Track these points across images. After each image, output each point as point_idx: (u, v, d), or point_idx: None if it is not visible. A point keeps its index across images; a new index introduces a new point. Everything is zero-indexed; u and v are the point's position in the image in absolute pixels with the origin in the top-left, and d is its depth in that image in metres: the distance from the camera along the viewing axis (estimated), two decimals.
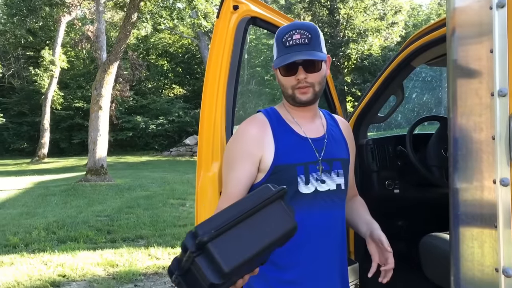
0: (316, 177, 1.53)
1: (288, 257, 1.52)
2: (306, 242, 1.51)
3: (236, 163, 1.54)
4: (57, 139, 25.48)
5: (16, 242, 6.07)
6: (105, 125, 12.94)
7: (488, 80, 1.21)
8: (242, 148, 1.55)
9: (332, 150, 1.59)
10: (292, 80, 1.53)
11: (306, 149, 1.55)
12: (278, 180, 1.48)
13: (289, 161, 1.52)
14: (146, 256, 5.42)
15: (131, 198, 9.97)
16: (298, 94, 1.53)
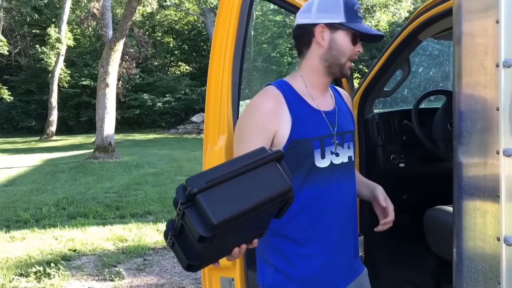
0: (331, 151, 1.52)
1: (306, 231, 1.52)
2: (324, 215, 1.52)
3: (249, 138, 1.48)
4: (65, 117, 25.60)
5: (27, 218, 6.18)
6: (112, 102, 12.98)
7: (493, 51, 1.21)
8: (256, 123, 1.49)
9: (343, 122, 1.58)
10: (352, 50, 1.51)
11: (321, 123, 1.52)
12: (295, 154, 1.47)
13: (305, 135, 1.48)
14: (154, 232, 5.51)
15: (139, 175, 10.07)
16: (348, 66, 1.54)
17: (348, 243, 1.60)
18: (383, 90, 2.58)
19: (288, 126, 1.47)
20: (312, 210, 1.52)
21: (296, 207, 1.44)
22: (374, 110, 2.69)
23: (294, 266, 1.52)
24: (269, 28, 26.27)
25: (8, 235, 5.40)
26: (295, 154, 1.47)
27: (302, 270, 1.52)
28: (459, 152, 1.33)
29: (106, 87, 12.81)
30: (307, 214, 1.52)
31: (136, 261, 4.52)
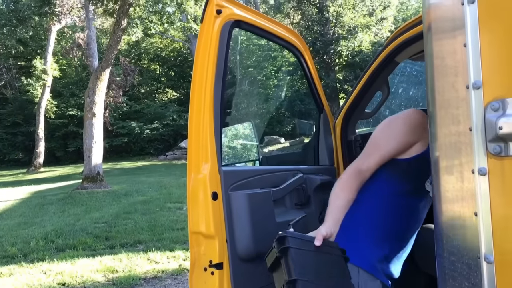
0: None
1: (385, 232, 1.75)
2: (409, 225, 1.83)
3: (395, 135, 1.73)
4: (53, 148, 25.43)
5: (15, 253, 6.08)
6: (99, 132, 12.95)
7: (463, 73, 1.24)
8: (406, 127, 1.73)
9: None
10: None
11: None
12: (417, 167, 1.71)
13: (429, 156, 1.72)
14: (145, 261, 5.45)
15: (128, 203, 9.99)
16: None
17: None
18: (364, 112, 2.62)
19: (426, 143, 1.69)
20: (402, 217, 1.83)
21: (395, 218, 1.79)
22: (356, 131, 2.72)
23: None
24: (254, 52, 26.55)
25: None
26: (416, 167, 1.72)
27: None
28: (436, 172, 1.35)
29: (93, 117, 12.80)
30: (400, 220, 1.82)
31: None
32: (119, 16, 12.91)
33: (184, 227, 7.25)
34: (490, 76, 1.20)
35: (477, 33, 1.21)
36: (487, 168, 1.19)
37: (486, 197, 1.20)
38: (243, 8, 2.05)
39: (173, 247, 6.03)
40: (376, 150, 1.78)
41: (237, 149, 2.86)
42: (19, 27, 20.46)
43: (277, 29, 2.25)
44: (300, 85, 22.28)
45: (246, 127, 3.18)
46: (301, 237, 1.49)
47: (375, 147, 1.79)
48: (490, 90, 1.19)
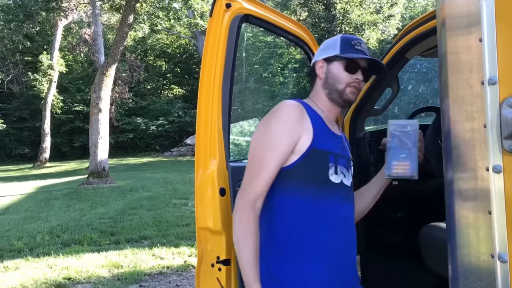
0: (341, 170, 1.61)
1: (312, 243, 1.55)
2: (332, 230, 1.57)
3: (278, 143, 1.53)
4: (58, 143, 25.52)
5: (21, 247, 6.10)
6: (105, 127, 12.97)
7: (478, 69, 1.22)
8: (285, 127, 1.54)
9: (347, 150, 1.71)
10: (349, 77, 1.63)
11: (335, 142, 1.64)
12: (311, 163, 1.54)
13: (324, 147, 1.57)
14: (150, 257, 5.45)
15: (134, 199, 10.00)
16: (349, 92, 1.64)
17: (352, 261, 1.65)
18: (373, 109, 2.59)
19: (310, 134, 1.55)
20: (323, 223, 1.56)
21: (310, 219, 1.55)
22: (365, 128, 2.70)
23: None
24: (260, 49, 26.50)
25: (1, 265, 5.32)
26: (311, 163, 1.54)
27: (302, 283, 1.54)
28: (449, 169, 1.33)
29: (99, 112, 12.82)
30: (321, 227, 1.56)
31: None
32: (126, 12, 12.90)
33: (189, 223, 7.26)
34: (506, 71, 1.17)
35: (493, 28, 1.19)
36: (502, 166, 1.17)
37: (500, 195, 1.18)
38: (252, 2, 2.03)
39: (178, 243, 6.03)
40: (261, 167, 1.53)
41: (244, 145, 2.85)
42: (26, 22, 20.48)
43: (286, 23, 2.23)
44: (307, 82, 22.21)
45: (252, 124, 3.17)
46: None
47: (259, 164, 1.53)
48: (506, 86, 1.17)
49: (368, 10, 24.09)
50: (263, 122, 1.60)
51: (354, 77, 1.63)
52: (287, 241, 1.53)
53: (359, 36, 18.42)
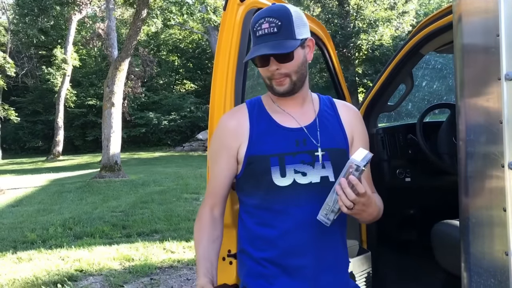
0: (295, 169, 1.44)
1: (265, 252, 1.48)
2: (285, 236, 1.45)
3: (216, 156, 1.55)
4: (71, 137, 25.75)
5: (34, 239, 6.18)
6: (118, 122, 13.05)
7: (494, 65, 1.21)
8: (220, 141, 1.54)
9: (321, 139, 1.49)
10: (266, 72, 1.47)
11: (285, 139, 1.48)
12: (253, 171, 1.47)
13: (262, 151, 1.46)
14: (161, 250, 5.48)
15: (145, 193, 10.06)
16: (275, 85, 1.47)
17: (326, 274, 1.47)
18: (387, 105, 2.58)
19: (246, 142, 1.49)
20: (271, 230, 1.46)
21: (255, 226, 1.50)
22: (378, 124, 2.68)
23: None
24: None
25: (15, 256, 5.39)
26: (253, 171, 1.47)
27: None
28: (463, 166, 1.32)
29: (112, 107, 12.89)
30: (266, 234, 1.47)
31: (143, 281, 4.49)
32: (139, 7, 12.94)
33: None
34: None
35: (511, 24, 1.17)
36: None
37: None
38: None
39: (189, 237, 6.06)
40: (210, 181, 1.59)
41: None
42: (40, 16, 20.70)
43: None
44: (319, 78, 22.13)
45: None
46: None
47: (210, 177, 1.60)
48: None
49: (382, 6, 23.90)
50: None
51: (270, 69, 1.44)
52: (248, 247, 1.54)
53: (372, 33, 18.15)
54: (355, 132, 1.58)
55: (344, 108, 1.62)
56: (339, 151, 1.50)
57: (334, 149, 1.49)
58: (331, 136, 1.51)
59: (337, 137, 1.52)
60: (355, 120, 1.60)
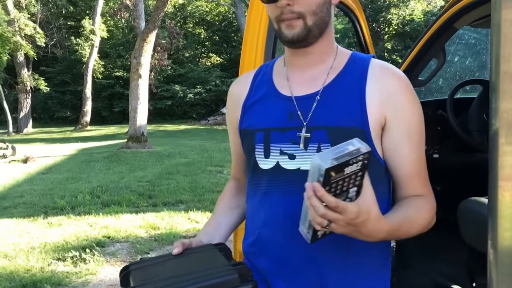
0: (281, 149, 1.12)
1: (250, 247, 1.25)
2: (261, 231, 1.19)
3: (228, 129, 1.36)
4: (99, 108, 26.13)
5: (63, 205, 6.37)
6: (144, 93, 13.17)
7: None
8: (227, 113, 1.34)
9: (322, 113, 1.10)
10: (275, 9, 1.11)
11: (275, 111, 1.15)
12: (245, 148, 1.24)
13: (249, 124, 1.20)
14: (186, 220, 5.59)
15: (171, 164, 10.21)
16: (284, 29, 1.11)
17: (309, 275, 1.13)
18: (417, 80, 2.53)
19: (240, 112, 1.26)
20: (250, 223, 1.25)
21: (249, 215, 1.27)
22: None
23: None
24: None
25: (45, 221, 5.58)
26: (245, 148, 1.23)
27: None
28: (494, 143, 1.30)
29: (139, 78, 13.00)
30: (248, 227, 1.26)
31: (168, 249, 4.60)
32: None
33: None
34: None
35: None
36: None
37: None
38: None
39: (213, 208, 6.13)
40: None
41: None
42: None
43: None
44: None
45: None
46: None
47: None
48: None
49: None
50: None
51: (279, 4, 1.09)
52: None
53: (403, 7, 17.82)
54: (390, 109, 1.10)
55: (381, 74, 1.14)
56: (345, 131, 1.06)
57: (338, 128, 1.07)
58: (339, 110, 1.09)
59: (349, 112, 1.09)
60: (395, 92, 1.11)
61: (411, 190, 1.14)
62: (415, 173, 1.14)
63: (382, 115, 1.10)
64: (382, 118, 1.10)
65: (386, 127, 1.11)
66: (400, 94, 1.12)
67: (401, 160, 1.12)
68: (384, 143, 1.12)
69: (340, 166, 0.81)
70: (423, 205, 1.13)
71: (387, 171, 1.15)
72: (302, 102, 1.13)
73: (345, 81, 1.13)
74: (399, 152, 1.12)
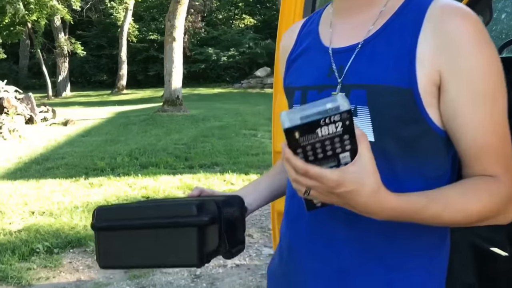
0: None
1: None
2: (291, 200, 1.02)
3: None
4: (134, 71, 26.40)
5: (103, 166, 6.57)
6: (179, 56, 13.20)
7: None
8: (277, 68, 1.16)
9: (362, 69, 0.88)
10: None
11: (316, 65, 0.97)
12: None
13: (290, 81, 1.04)
14: (221, 182, 5.69)
15: (206, 128, 10.32)
16: None
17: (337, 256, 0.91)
18: None
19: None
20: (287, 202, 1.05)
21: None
22: None
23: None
24: None
25: (87, 182, 5.78)
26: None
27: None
28: None
29: (173, 41, 13.01)
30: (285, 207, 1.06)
31: None
32: None
33: (258, 153, 7.42)
34: None
35: None
36: None
37: None
38: None
39: (248, 170, 6.22)
40: None
41: None
42: None
43: None
44: None
45: None
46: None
47: None
48: None
49: None
50: None
51: None
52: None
53: None
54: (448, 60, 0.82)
55: (441, 14, 0.84)
56: (388, 91, 0.84)
57: (379, 87, 0.85)
58: (383, 65, 0.86)
59: (394, 68, 0.85)
60: (456, 36, 0.82)
61: (478, 169, 0.84)
62: (484, 146, 0.84)
63: (436, 69, 0.82)
64: (436, 74, 0.82)
65: (443, 85, 0.83)
66: (462, 38, 0.81)
67: (463, 128, 0.83)
68: (441, 107, 0.84)
69: (307, 127, 0.67)
70: (487, 187, 0.82)
71: (449, 143, 0.86)
72: (341, 55, 0.92)
73: (395, 28, 0.88)
74: (460, 118, 0.83)
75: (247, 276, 3.31)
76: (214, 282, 3.24)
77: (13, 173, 6.41)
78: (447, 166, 0.88)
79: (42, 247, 3.75)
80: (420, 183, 0.85)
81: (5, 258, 3.55)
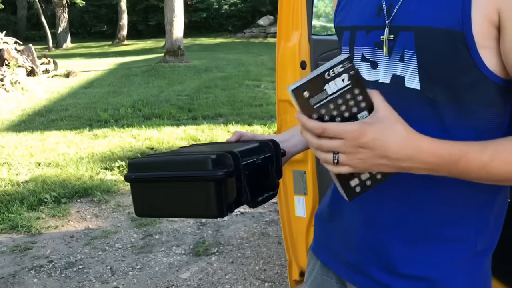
0: (364, 54, 0.87)
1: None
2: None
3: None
4: (134, 21, 25.93)
5: (107, 118, 6.58)
6: (180, 5, 12.93)
7: None
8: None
9: (412, 8, 0.79)
10: None
11: (365, 4, 0.88)
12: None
13: (339, 20, 0.97)
14: (225, 132, 5.70)
15: (208, 79, 10.24)
16: None
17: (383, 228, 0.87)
18: None
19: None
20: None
21: None
22: None
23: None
24: None
25: (91, 133, 5.81)
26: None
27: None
28: None
29: None
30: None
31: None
32: None
33: (261, 104, 7.40)
34: None
35: None
36: None
37: None
38: None
39: (251, 121, 6.23)
40: None
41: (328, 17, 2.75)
42: None
43: None
44: None
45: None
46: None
47: None
48: None
49: None
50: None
51: None
52: None
53: None
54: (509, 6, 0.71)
55: None
56: (438, 34, 0.75)
57: (429, 29, 0.76)
58: (434, 4, 0.76)
59: (446, 8, 0.74)
60: None
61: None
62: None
63: (493, 9, 0.72)
64: (493, 14, 0.72)
65: (503, 27, 0.72)
66: None
67: None
68: (501, 51, 0.73)
69: (313, 83, 0.66)
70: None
71: (508, 92, 0.77)
72: None
73: None
74: None
75: (252, 223, 3.38)
76: (220, 229, 3.31)
77: (17, 125, 6.44)
78: (504, 118, 0.79)
79: (50, 197, 3.82)
80: (472, 135, 0.76)
81: (14, 208, 3.62)
